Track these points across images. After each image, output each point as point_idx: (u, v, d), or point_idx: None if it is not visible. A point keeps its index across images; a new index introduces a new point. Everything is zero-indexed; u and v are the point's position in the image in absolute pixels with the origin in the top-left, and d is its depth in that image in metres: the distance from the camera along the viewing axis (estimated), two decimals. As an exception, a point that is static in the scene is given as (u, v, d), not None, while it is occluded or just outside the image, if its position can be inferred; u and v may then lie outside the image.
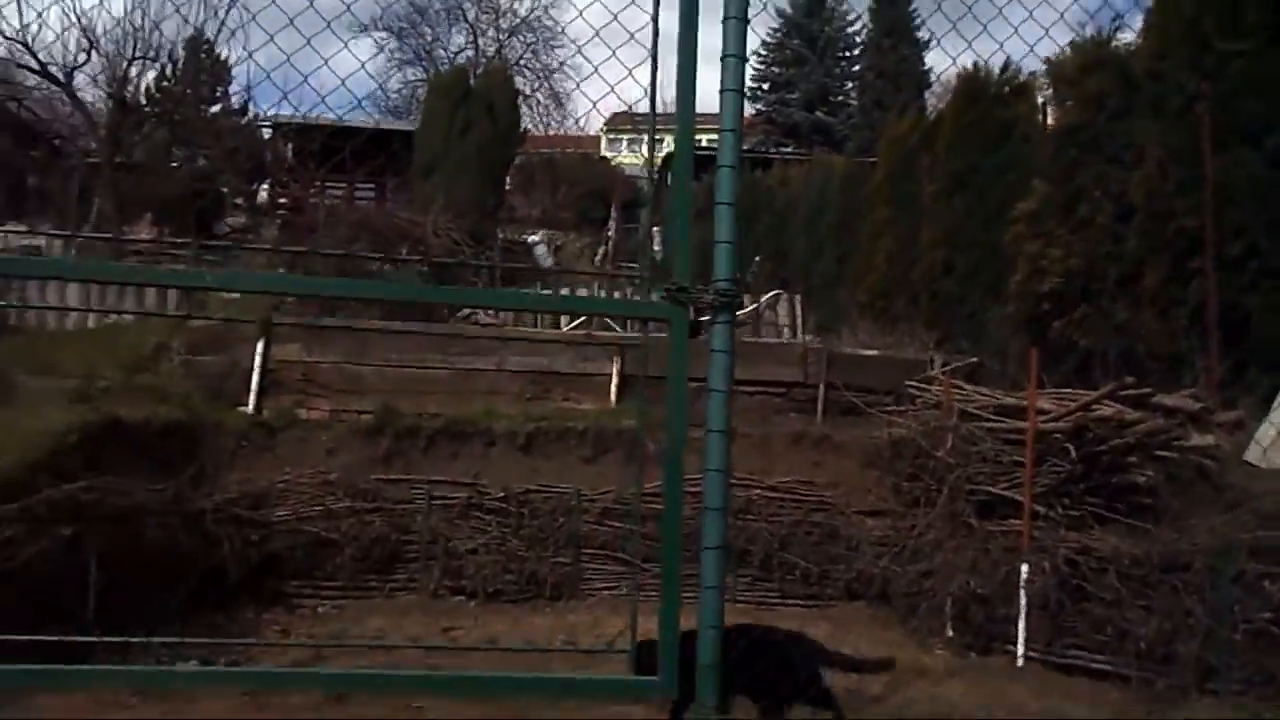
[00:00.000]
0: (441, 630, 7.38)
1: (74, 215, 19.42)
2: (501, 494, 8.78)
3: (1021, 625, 6.63)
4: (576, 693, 4.40)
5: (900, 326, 11.68)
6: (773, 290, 14.34)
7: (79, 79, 19.68)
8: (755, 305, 13.55)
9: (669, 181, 3.78)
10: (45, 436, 6.50)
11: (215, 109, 22.47)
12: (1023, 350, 10.11)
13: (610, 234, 19.46)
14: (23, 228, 16.92)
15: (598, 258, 18.00)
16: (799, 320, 13.71)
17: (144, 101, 20.66)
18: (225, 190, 22.24)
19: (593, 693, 4.30)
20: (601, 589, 8.64)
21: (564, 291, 13.24)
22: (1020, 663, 6.58)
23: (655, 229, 13.35)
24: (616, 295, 13.02)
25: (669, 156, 3.51)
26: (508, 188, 18.38)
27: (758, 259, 16.03)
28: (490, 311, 10.39)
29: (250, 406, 9.34)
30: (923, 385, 9.16)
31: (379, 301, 10.00)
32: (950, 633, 7.26)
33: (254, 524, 8.26)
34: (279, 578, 8.23)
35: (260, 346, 9.62)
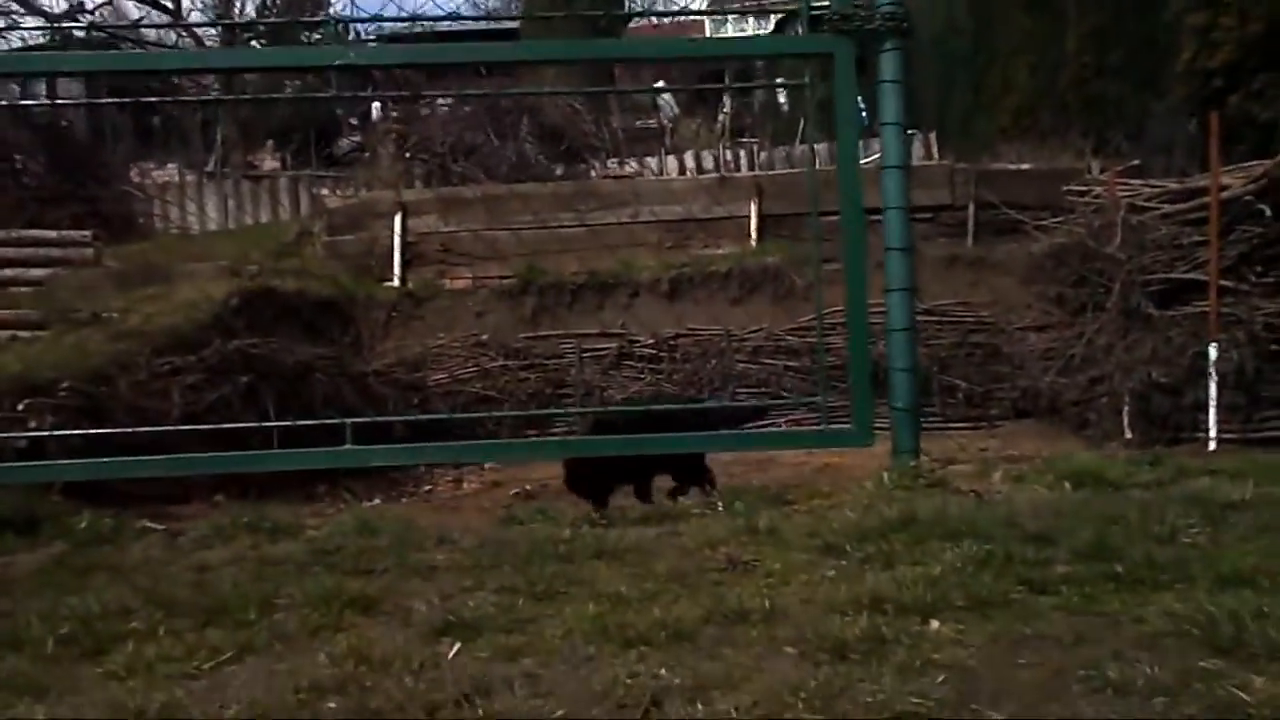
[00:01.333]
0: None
1: (200, 146, 20.00)
2: (650, 341, 8.73)
3: (1212, 408, 6.20)
4: (784, 444, 4.30)
5: (1049, 143, 10.92)
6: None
7: (187, 6, 20.01)
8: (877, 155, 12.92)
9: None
10: (209, 301, 6.68)
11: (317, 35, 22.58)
12: (1189, 141, 9.29)
13: (726, 108, 18.90)
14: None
15: (717, 128, 17.57)
16: (935, 158, 13.02)
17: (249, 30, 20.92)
18: (339, 111, 22.50)
19: (798, 444, 4.17)
20: (758, 426, 8.54)
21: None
22: (1213, 445, 6.16)
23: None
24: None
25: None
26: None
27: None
28: (621, 164, 10.13)
29: (395, 279, 9.49)
30: (1082, 190, 8.52)
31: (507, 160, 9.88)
32: (1129, 434, 6.86)
33: (414, 387, 8.48)
34: (443, 437, 8.42)
35: (398, 222, 9.70)
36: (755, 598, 2.23)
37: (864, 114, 6.71)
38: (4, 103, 11.50)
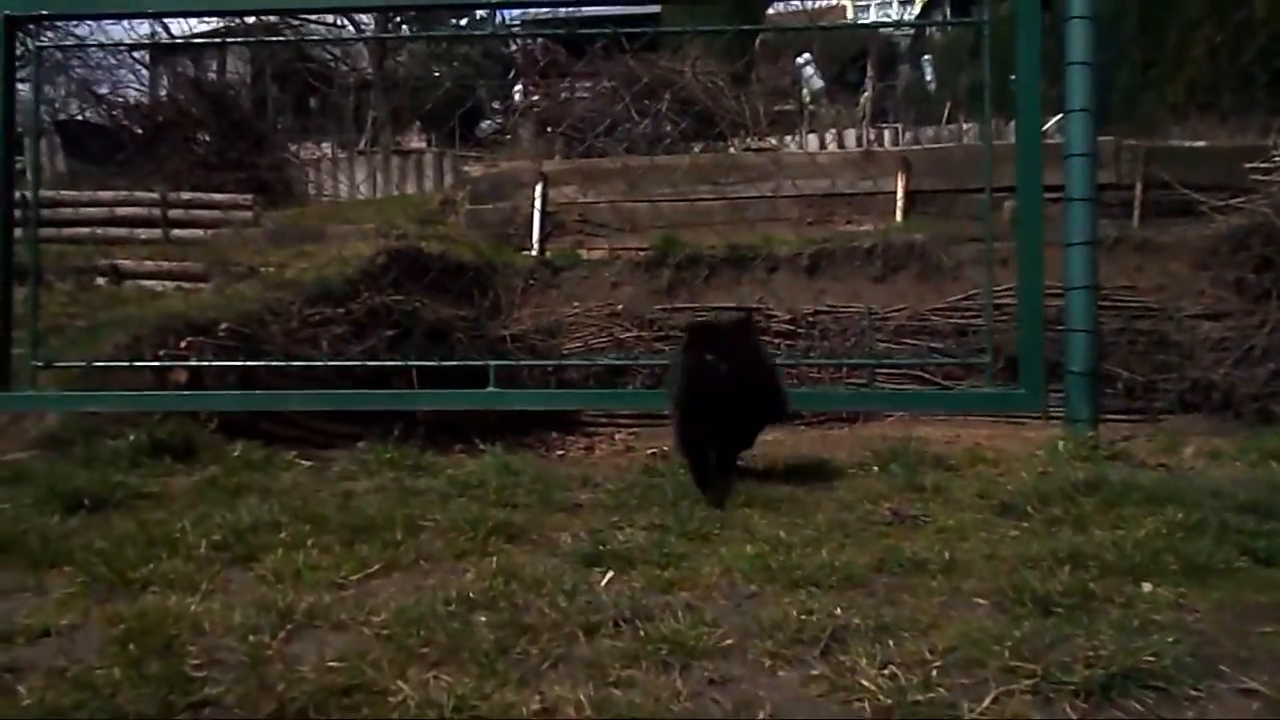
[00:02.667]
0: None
1: (352, 128, 20.74)
2: (789, 317, 8.48)
3: None
4: (945, 405, 4.07)
5: (1229, 122, 10.08)
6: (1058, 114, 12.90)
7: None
8: (1044, 126, 12.24)
9: None
10: (358, 258, 6.80)
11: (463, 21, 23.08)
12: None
13: (867, 92, 18.35)
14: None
15: (858, 110, 17.07)
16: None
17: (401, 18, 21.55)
18: (483, 95, 22.97)
19: (962, 406, 3.94)
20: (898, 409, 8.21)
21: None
22: None
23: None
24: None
25: None
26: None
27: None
28: (758, 138, 9.89)
29: (534, 248, 9.53)
30: (1268, 168, 7.83)
31: (650, 136, 9.76)
32: (1331, 433, 6.24)
33: (549, 354, 8.48)
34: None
35: (539, 191, 9.74)
36: (930, 549, 2.02)
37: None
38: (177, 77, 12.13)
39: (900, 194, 9.33)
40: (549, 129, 14.09)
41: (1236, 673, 1.38)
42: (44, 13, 3.73)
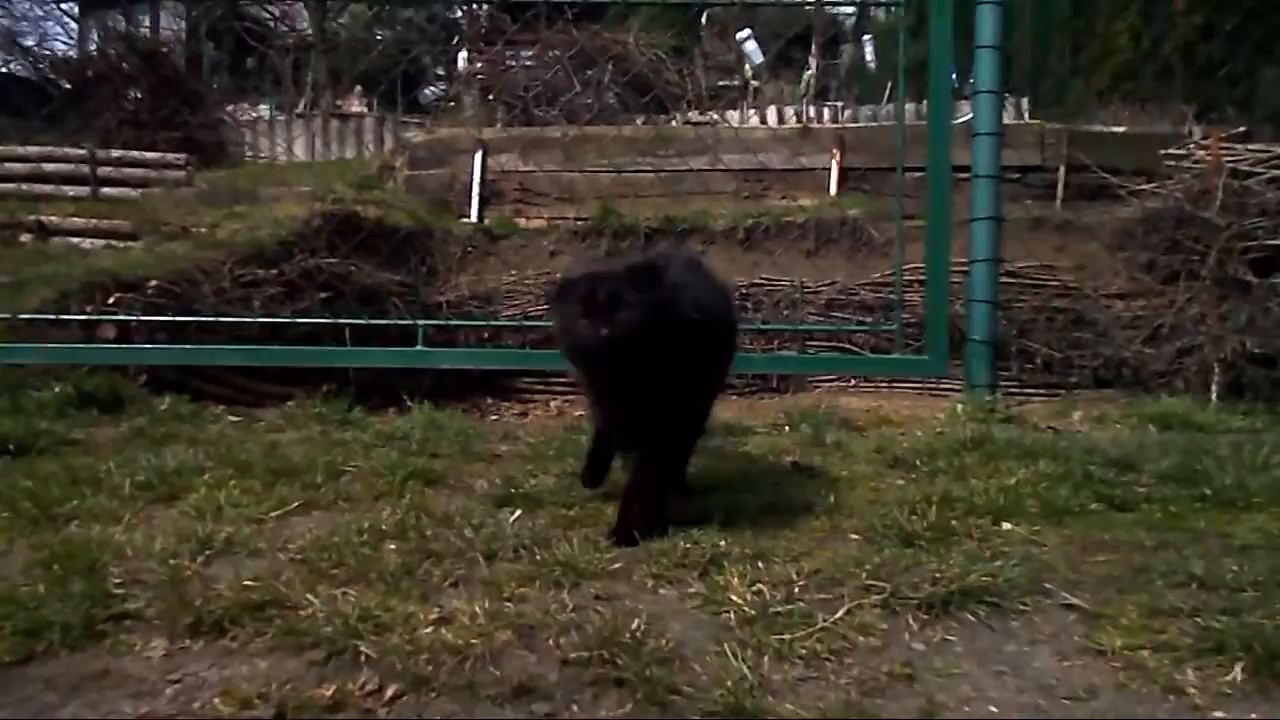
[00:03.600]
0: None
1: (291, 90, 20.35)
2: (722, 288, 8.65)
3: (1315, 374, 5.94)
4: (856, 368, 4.24)
5: (1148, 108, 10.47)
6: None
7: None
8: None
9: None
10: (293, 221, 6.79)
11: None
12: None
13: (812, 70, 18.54)
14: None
15: (800, 86, 17.25)
16: (1025, 119, 12.60)
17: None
18: (426, 61, 22.68)
19: (872, 368, 4.13)
20: (827, 380, 8.42)
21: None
22: (1310, 420, 5.89)
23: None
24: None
25: None
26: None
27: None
28: (700, 111, 10.00)
29: (472, 216, 9.55)
30: (1181, 155, 8.19)
31: (589, 107, 9.81)
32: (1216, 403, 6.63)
33: (486, 320, 8.54)
34: (511, 375, 8.48)
35: (478, 159, 9.74)
36: (818, 494, 2.19)
37: (954, 77, 6.52)
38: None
39: (834, 171, 9.53)
40: (491, 97, 14.02)
41: (1064, 591, 1.56)
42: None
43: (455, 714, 1.18)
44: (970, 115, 4.32)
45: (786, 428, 3.29)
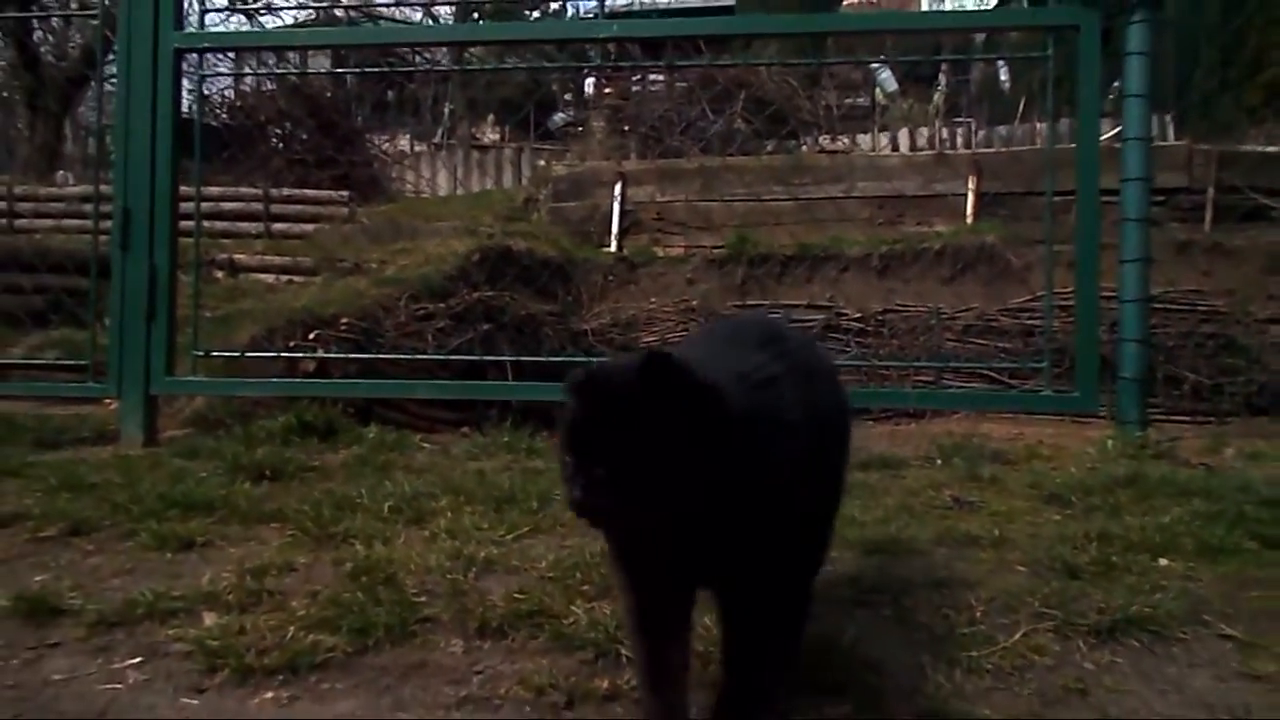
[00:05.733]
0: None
1: (429, 119, 21.40)
2: (858, 315, 8.80)
3: None
4: (1007, 405, 4.43)
5: (1309, 125, 10.11)
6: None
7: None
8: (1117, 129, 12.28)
9: None
10: (455, 256, 7.31)
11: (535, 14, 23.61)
12: None
13: (941, 86, 18.42)
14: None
15: (931, 107, 17.19)
16: (1170, 139, 12.28)
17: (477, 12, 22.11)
18: (555, 87, 23.54)
19: (1025, 406, 4.30)
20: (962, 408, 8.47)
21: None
22: None
23: None
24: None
25: None
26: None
27: (1116, 84, 14.41)
28: (833, 139, 10.18)
29: (612, 245, 9.99)
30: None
31: (724, 135, 10.12)
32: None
33: (626, 347, 8.93)
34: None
35: (618, 190, 10.18)
36: (983, 528, 2.41)
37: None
38: (264, 73, 12.82)
39: (971, 196, 9.57)
40: (624, 126, 14.50)
41: (1220, 623, 1.75)
42: (207, 46, 4.28)
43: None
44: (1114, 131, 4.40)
45: (939, 460, 3.50)
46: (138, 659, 1.70)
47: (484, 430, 4.17)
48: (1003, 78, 16.88)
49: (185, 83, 4.33)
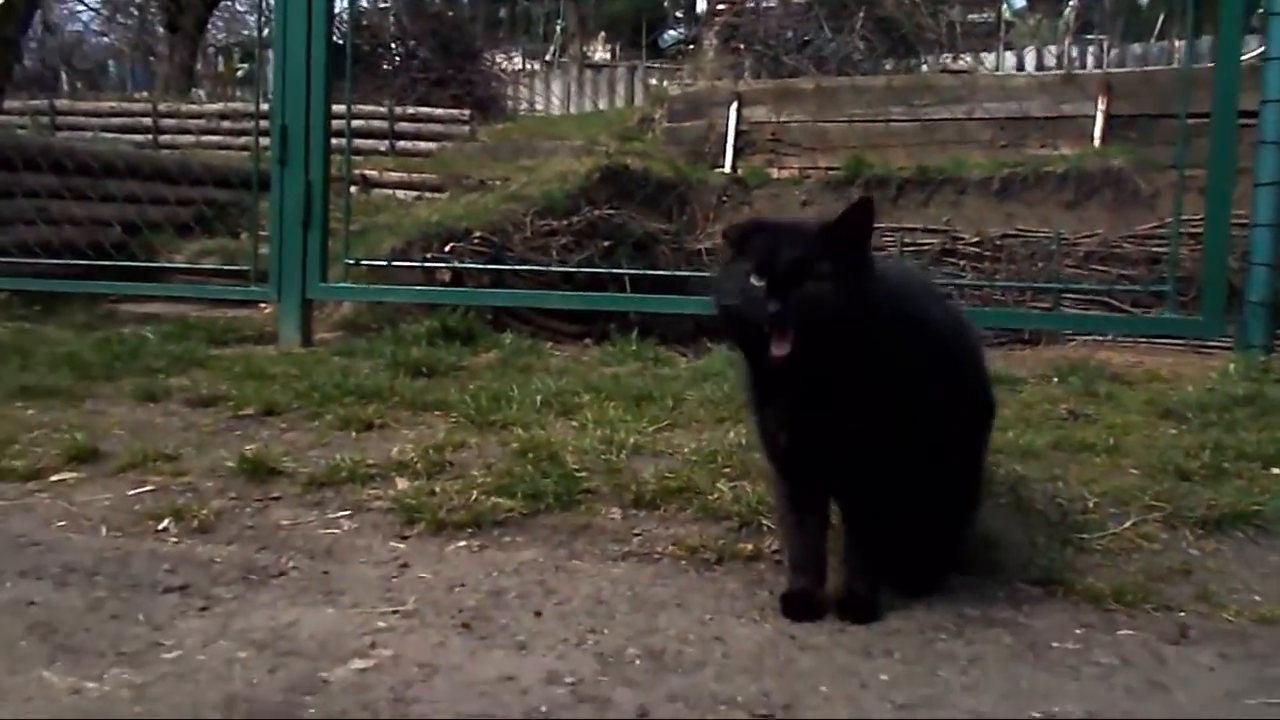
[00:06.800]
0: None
1: (540, 37, 21.47)
2: (976, 239, 8.69)
3: None
4: (1128, 328, 4.46)
5: None
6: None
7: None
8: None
9: None
10: (575, 175, 7.52)
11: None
12: None
13: (1073, 1, 17.52)
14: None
15: (1060, 23, 16.43)
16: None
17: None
18: (666, 3, 23.29)
19: (1145, 328, 4.31)
20: (1082, 335, 8.35)
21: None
22: None
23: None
24: None
25: None
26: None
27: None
28: (955, 58, 9.92)
29: (727, 166, 10.04)
30: None
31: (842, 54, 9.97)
32: None
33: (739, 267, 9.07)
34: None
35: (733, 110, 10.18)
36: (1098, 437, 2.53)
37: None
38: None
39: (1100, 118, 9.25)
40: (734, 45, 14.31)
41: (1326, 522, 1.87)
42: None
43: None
44: (1259, 50, 4.26)
45: (1055, 379, 3.58)
46: (348, 511, 2.01)
47: (608, 341, 4.42)
48: (1140, -10, 16.00)
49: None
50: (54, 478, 2.22)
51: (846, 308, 1.39)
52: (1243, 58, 4.01)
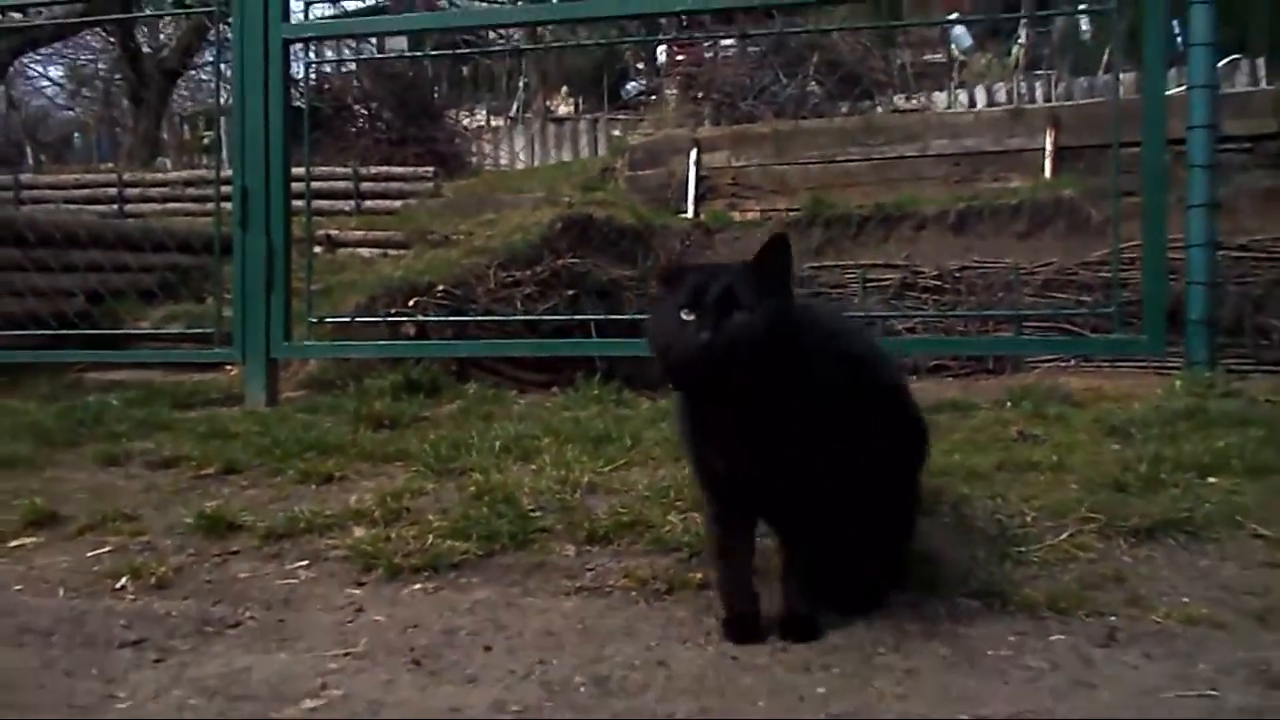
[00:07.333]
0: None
1: (504, 93, 21.74)
2: (935, 273, 8.84)
3: None
4: (1072, 350, 4.49)
5: None
6: (1228, 57, 12.52)
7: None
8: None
9: None
10: (539, 225, 7.61)
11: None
12: None
13: (1020, 40, 18.03)
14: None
15: (1010, 59, 16.87)
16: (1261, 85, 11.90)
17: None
18: (628, 56, 23.71)
19: (1088, 349, 4.39)
20: (1046, 360, 8.48)
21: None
22: None
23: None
24: None
25: None
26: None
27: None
28: (909, 99, 10.17)
29: (689, 211, 10.19)
30: None
31: (797, 98, 10.19)
32: None
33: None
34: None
35: (692, 156, 10.36)
36: (1044, 456, 2.60)
37: (1178, 38, 6.45)
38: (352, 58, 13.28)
39: (1048, 150, 9.50)
40: (697, 94, 14.55)
41: (1255, 525, 1.94)
42: (311, 35, 4.62)
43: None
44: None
45: (1008, 403, 3.66)
46: (305, 561, 2.03)
47: (572, 389, 4.47)
48: (1084, 27, 16.45)
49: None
50: (13, 543, 2.23)
51: (772, 336, 1.47)
52: (1171, 91, 4.18)
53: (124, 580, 1.94)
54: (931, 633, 1.55)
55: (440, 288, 5.81)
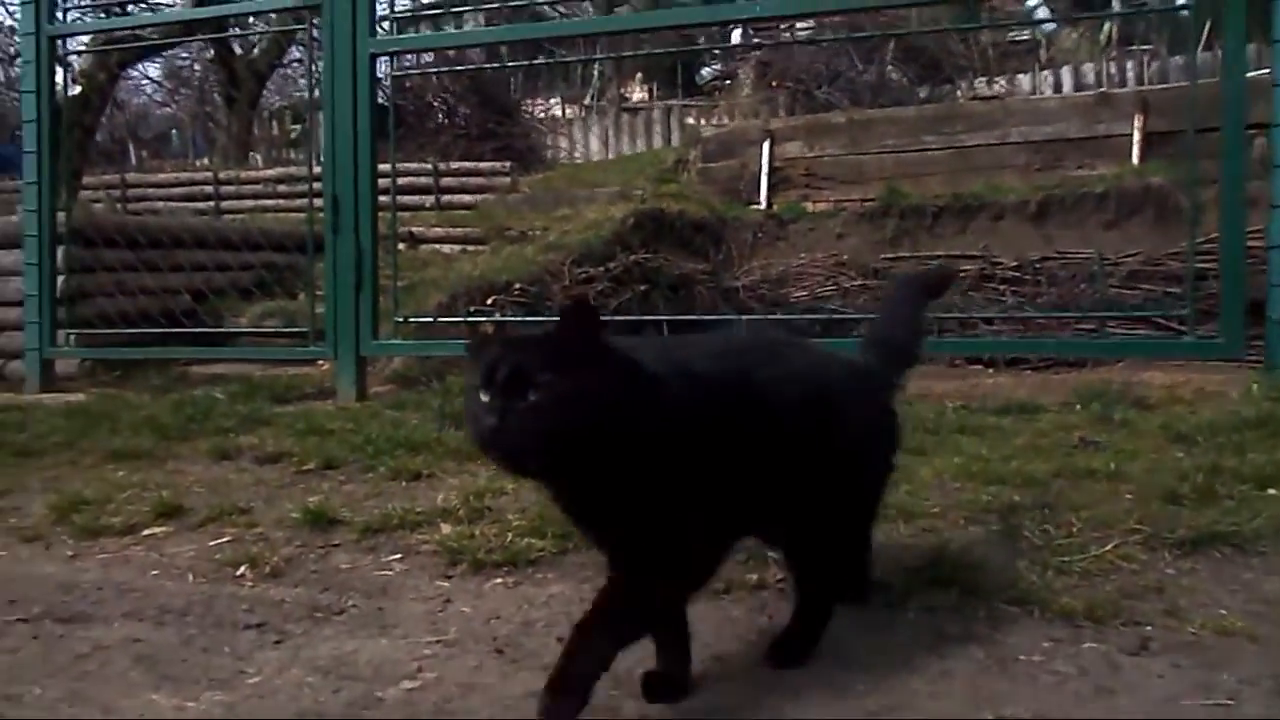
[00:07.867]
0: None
1: (578, 82, 21.95)
2: (1015, 264, 8.74)
3: None
4: (1145, 352, 4.53)
5: None
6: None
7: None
8: None
9: None
10: (612, 221, 7.78)
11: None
12: None
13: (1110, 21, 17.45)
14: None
15: (1101, 36, 16.40)
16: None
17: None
18: (700, 39, 23.71)
19: (1162, 352, 4.40)
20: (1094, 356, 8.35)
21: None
22: None
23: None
24: None
25: None
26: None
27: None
28: (990, 83, 10.04)
29: (762, 203, 10.24)
30: None
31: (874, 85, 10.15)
32: None
33: (777, 302, 9.22)
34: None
35: (766, 148, 10.40)
36: (1103, 464, 2.66)
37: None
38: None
39: (1136, 136, 9.28)
40: (772, 82, 14.49)
41: (1303, 541, 1.99)
42: (395, 50, 4.86)
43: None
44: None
45: (1077, 405, 3.70)
46: (398, 555, 2.24)
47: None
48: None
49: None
50: (146, 532, 2.49)
51: (577, 413, 1.29)
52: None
53: (243, 569, 2.17)
54: (969, 637, 1.66)
55: (517, 286, 6.03)
